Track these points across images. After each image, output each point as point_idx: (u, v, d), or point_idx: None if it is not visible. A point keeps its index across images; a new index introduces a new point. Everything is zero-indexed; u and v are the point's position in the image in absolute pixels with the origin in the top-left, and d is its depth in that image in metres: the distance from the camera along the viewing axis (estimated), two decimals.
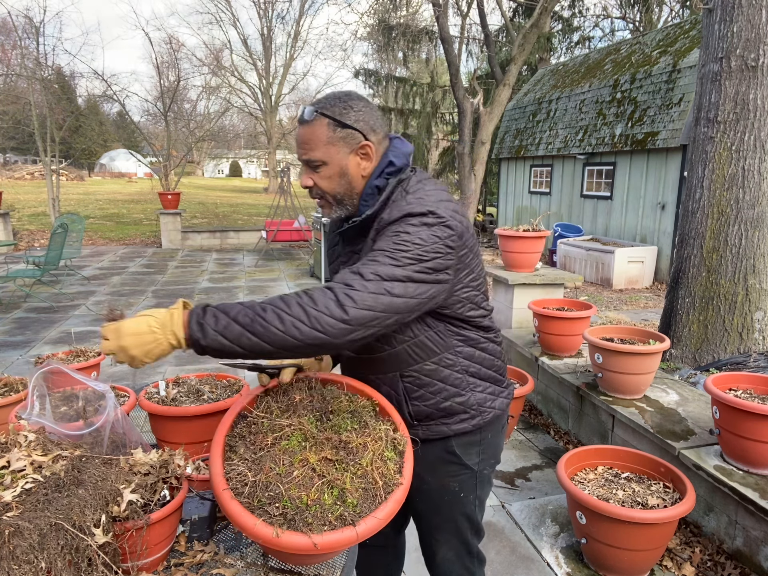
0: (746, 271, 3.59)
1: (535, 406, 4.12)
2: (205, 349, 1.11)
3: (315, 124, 1.28)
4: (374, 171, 1.34)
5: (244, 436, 1.19)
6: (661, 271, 8.94)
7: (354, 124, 1.29)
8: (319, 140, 1.28)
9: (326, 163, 1.29)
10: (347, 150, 1.30)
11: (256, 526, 1.02)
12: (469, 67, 30.87)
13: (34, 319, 6.28)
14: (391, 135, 1.40)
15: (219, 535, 1.34)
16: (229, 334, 1.09)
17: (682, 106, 8.51)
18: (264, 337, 1.09)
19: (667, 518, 2.11)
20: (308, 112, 1.28)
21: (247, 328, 1.09)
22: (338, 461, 1.15)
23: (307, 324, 1.09)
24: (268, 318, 1.09)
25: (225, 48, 30.94)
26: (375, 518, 1.07)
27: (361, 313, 1.12)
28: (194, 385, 2.48)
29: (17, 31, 13.12)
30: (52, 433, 1.25)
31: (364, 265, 1.18)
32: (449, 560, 1.56)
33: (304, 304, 1.11)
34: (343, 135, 1.28)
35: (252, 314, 1.10)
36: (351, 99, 1.30)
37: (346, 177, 1.31)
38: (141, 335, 1.10)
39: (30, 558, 0.93)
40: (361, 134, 1.30)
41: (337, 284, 1.15)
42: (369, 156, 1.32)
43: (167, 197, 12.36)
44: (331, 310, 1.10)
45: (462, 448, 1.45)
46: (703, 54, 3.72)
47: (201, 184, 37.23)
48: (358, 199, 1.35)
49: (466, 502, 1.50)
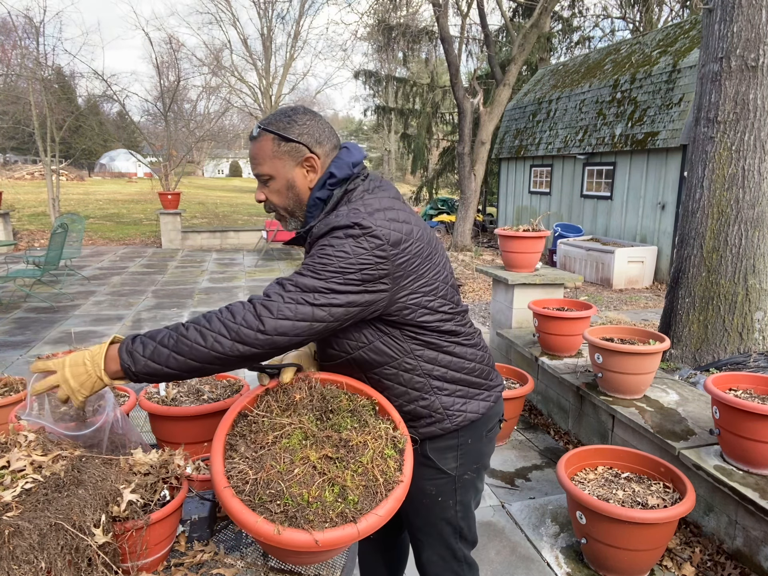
0: (746, 271, 3.59)
1: (535, 406, 4.12)
2: (138, 376, 1.16)
3: (261, 140, 1.33)
4: (317, 183, 1.37)
5: (244, 435, 1.20)
6: (661, 271, 8.94)
7: (297, 137, 1.33)
8: (265, 155, 1.33)
9: (273, 177, 1.35)
10: (293, 163, 1.34)
11: (258, 524, 1.02)
12: (469, 67, 30.87)
13: (34, 319, 6.28)
14: (343, 144, 1.42)
15: (219, 535, 1.34)
16: (158, 358, 1.14)
17: (682, 106, 8.51)
18: (190, 355, 1.14)
19: (667, 518, 2.11)
20: (255, 130, 1.35)
21: (173, 349, 1.14)
22: (339, 459, 1.15)
23: (227, 337, 1.14)
24: (190, 336, 1.15)
25: (225, 48, 30.95)
26: (376, 515, 1.07)
27: (279, 323, 1.15)
28: (194, 385, 2.48)
29: (17, 31, 13.14)
30: (51, 434, 1.25)
31: (288, 277, 1.21)
32: (434, 563, 1.55)
33: (224, 318, 1.16)
34: (287, 149, 1.33)
35: (176, 335, 1.15)
36: (296, 114, 1.35)
37: (294, 189, 1.36)
38: (77, 366, 1.17)
39: (30, 558, 0.93)
40: (306, 147, 1.34)
41: (257, 296, 1.20)
42: (314, 168, 1.36)
43: (167, 197, 12.36)
44: (248, 321, 1.14)
45: (436, 452, 1.43)
46: (703, 54, 3.72)
47: (201, 184, 37.23)
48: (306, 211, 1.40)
49: (446, 507, 1.48)
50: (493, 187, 18.23)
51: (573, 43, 18.20)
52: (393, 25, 14.95)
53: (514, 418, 3.57)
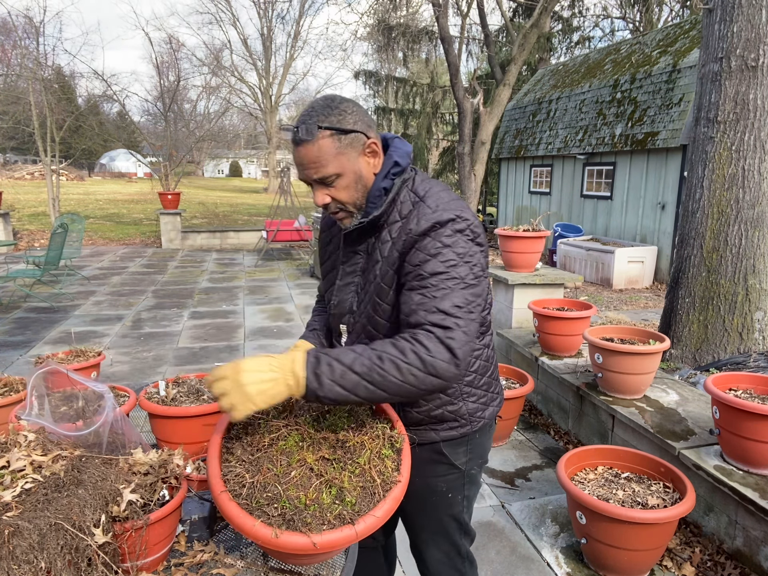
0: (746, 271, 3.59)
1: (535, 406, 4.12)
2: (320, 398, 1.11)
3: (318, 140, 1.22)
4: (380, 172, 1.32)
5: (240, 438, 1.20)
6: (661, 271, 8.94)
7: (354, 126, 1.25)
8: (328, 154, 1.23)
9: (341, 175, 1.26)
10: (356, 154, 1.27)
11: (255, 527, 1.02)
12: (469, 67, 30.85)
13: (34, 319, 6.28)
14: (390, 135, 1.39)
15: (219, 535, 1.34)
16: (346, 384, 1.10)
17: (682, 106, 8.51)
18: (381, 386, 1.11)
19: (667, 518, 2.11)
20: (306, 131, 1.22)
21: (364, 377, 1.10)
22: (336, 460, 1.15)
23: (422, 370, 1.12)
24: (386, 368, 1.11)
25: (225, 48, 31.00)
26: (374, 516, 1.07)
27: (466, 349, 1.16)
28: (194, 385, 2.48)
29: (17, 31, 13.13)
30: (51, 434, 1.25)
31: (435, 298, 1.19)
32: (438, 560, 1.56)
33: (418, 350, 1.13)
34: (348, 141, 1.25)
35: (368, 363, 1.11)
36: (341, 103, 1.27)
37: (362, 180, 1.29)
38: (260, 372, 1.08)
39: (30, 558, 0.93)
40: (363, 134, 1.27)
41: (432, 327, 1.16)
42: (376, 152, 1.30)
43: (167, 197, 12.36)
44: (442, 355, 1.13)
45: (450, 448, 1.45)
46: (703, 54, 3.72)
47: (201, 184, 37.23)
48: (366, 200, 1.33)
49: (454, 502, 1.50)
50: (493, 187, 18.24)
51: (573, 43, 18.20)
52: (393, 25, 14.95)
53: (514, 418, 3.57)
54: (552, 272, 4.64)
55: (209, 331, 5.97)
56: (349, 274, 1.42)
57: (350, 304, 1.40)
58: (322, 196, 1.28)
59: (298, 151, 1.24)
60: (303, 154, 1.23)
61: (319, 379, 1.09)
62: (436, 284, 1.21)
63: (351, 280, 1.41)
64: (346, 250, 1.43)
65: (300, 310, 7.00)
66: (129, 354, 5.20)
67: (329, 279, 1.51)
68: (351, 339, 1.42)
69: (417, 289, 1.22)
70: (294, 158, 1.27)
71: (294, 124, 1.25)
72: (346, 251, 1.43)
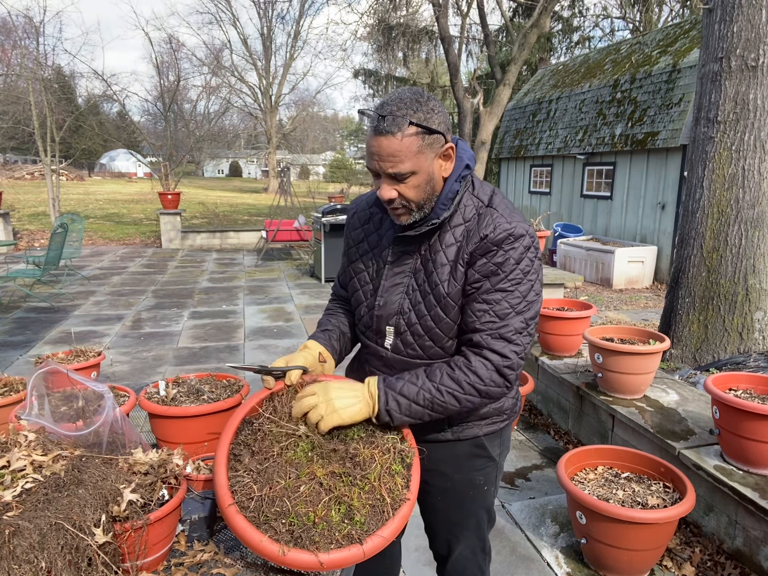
0: (746, 271, 3.59)
1: (535, 406, 4.12)
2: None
3: (404, 134, 1.17)
4: (451, 174, 1.30)
5: (249, 444, 1.17)
6: (661, 271, 8.94)
7: (438, 127, 1.22)
8: (409, 151, 1.19)
9: (416, 173, 1.22)
10: (433, 155, 1.24)
11: (263, 543, 1.01)
12: (469, 67, 30.87)
13: (34, 319, 6.28)
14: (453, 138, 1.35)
15: (219, 535, 1.34)
16: (414, 415, 1.25)
17: (682, 106, 8.51)
18: (442, 413, 1.28)
19: (667, 518, 2.11)
20: (393, 122, 1.17)
21: (428, 408, 1.25)
22: (345, 474, 1.13)
23: (477, 398, 1.27)
24: (446, 400, 1.25)
25: (225, 48, 31.00)
26: (381, 537, 1.06)
27: (519, 372, 1.30)
28: (194, 385, 2.48)
29: (17, 31, 13.13)
30: (51, 433, 1.25)
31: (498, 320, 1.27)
32: (465, 557, 1.56)
33: (473, 382, 1.25)
34: (430, 141, 1.21)
35: (430, 396, 1.25)
36: (430, 100, 1.22)
37: (432, 182, 1.27)
38: (345, 389, 1.24)
39: (30, 557, 0.93)
40: (443, 137, 1.25)
41: (491, 354, 1.26)
42: (450, 157, 1.28)
43: (167, 197, 12.36)
44: (496, 382, 1.26)
45: (489, 441, 1.48)
46: (703, 54, 3.72)
47: (201, 184, 37.24)
48: (436, 201, 1.30)
49: (488, 494, 1.53)
50: None
51: (573, 43, 18.21)
52: (393, 24, 14.95)
53: None
54: (552, 272, 4.64)
55: (209, 331, 5.97)
56: (398, 274, 1.38)
57: (399, 305, 1.37)
58: (389, 191, 1.24)
59: (378, 141, 1.19)
60: (384, 146, 1.18)
61: (390, 414, 1.24)
62: (499, 301, 1.27)
63: (400, 280, 1.38)
64: (396, 250, 1.39)
65: (300, 310, 7.00)
66: (129, 354, 5.20)
67: (362, 279, 1.47)
68: (398, 341, 1.40)
69: (481, 303, 1.28)
70: (369, 146, 1.22)
71: (379, 112, 1.19)
72: (395, 251, 1.39)
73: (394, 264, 1.39)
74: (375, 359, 1.46)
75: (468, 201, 1.33)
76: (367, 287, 1.45)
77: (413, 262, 1.37)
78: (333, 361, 1.46)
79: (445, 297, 1.31)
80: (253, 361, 4.95)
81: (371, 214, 1.49)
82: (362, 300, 1.46)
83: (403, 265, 1.38)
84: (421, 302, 1.35)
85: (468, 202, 1.33)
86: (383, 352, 1.43)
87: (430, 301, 1.33)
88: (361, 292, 1.47)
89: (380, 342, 1.44)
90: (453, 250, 1.31)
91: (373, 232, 1.47)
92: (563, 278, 4.54)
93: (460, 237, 1.31)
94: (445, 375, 1.25)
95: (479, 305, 1.28)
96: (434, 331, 1.35)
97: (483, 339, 1.26)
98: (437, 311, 1.33)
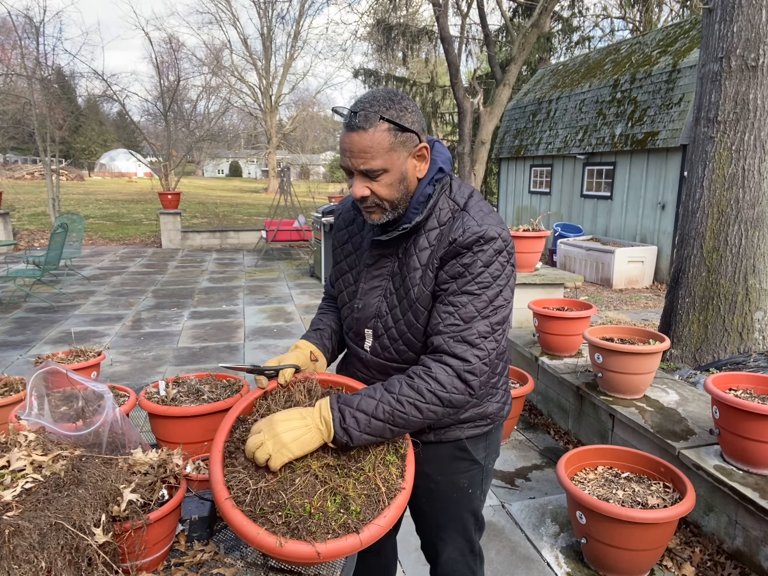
0: (746, 271, 3.59)
1: (535, 406, 4.12)
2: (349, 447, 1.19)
3: (376, 130, 1.18)
4: (425, 177, 1.30)
5: (244, 441, 1.18)
6: (661, 271, 8.94)
7: (411, 125, 1.22)
8: (381, 147, 1.19)
9: (387, 171, 1.22)
10: (406, 154, 1.24)
11: (259, 536, 1.01)
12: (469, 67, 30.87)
13: (34, 319, 6.28)
14: (431, 139, 1.35)
15: (219, 535, 1.33)
16: (373, 431, 1.17)
17: (682, 106, 8.51)
18: (405, 426, 1.20)
19: (667, 518, 2.11)
20: (365, 118, 1.17)
21: (389, 423, 1.18)
22: (340, 466, 1.14)
23: (440, 406, 1.21)
24: (407, 411, 1.18)
25: (225, 48, 30.99)
26: (378, 525, 1.06)
27: (483, 378, 1.24)
28: (194, 385, 2.48)
29: (17, 31, 13.12)
30: (51, 433, 1.25)
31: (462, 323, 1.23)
32: (454, 560, 1.56)
33: (434, 390, 1.19)
34: (403, 139, 1.22)
35: (390, 409, 1.18)
36: (404, 99, 1.23)
37: (405, 182, 1.26)
38: (291, 420, 1.15)
39: (30, 557, 0.93)
40: (417, 136, 1.24)
41: (453, 359, 1.22)
42: (424, 157, 1.28)
43: (167, 197, 12.36)
44: (458, 389, 1.21)
45: (472, 444, 1.47)
46: (703, 54, 3.72)
47: (201, 184, 37.25)
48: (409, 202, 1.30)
49: (473, 498, 1.51)
50: (493, 187, 18.24)
51: (573, 43, 18.18)
52: (393, 24, 14.94)
53: (514, 418, 3.57)
54: (552, 272, 4.64)
55: (209, 331, 5.97)
56: (376, 277, 1.38)
57: (377, 309, 1.37)
58: (362, 189, 1.24)
59: (350, 137, 1.19)
60: (355, 141, 1.19)
61: (348, 433, 1.15)
62: (465, 304, 1.24)
63: (378, 283, 1.38)
64: (374, 253, 1.39)
65: (300, 310, 7.00)
66: (129, 354, 5.20)
67: (346, 280, 1.47)
68: (376, 344, 1.40)
69: (447, 305, 1.25)
70: (342, 143, 1.22)
71: (351, 108, 1.20)
72: (373, 254, 1.39)
73: (373, 267, 1.39)
74: (356, 360, 1.47)
75: (444, 204, 1.31)
76: (350, 288, 1.45)
77: (391, 265, 1.36)
78: (325, 359, 1.47)
79: (414, 302, 1.31)
80: (253, 361, 4.95)
81: (355, 215, 1.49)
82: (346, 301, 1.46)
83: (382, 268, 1.37)
84: (397, 306, 1.34)
85: (444, 205, 1.31)
86: (363, 354, 1.43)
87: (404, 305, 1.33)
88: (345, 293, 1.47)
89: (360, 344, 1.44)
90: (425, 255, 1.30)
91: (356, 234, 1.47)
92: (563, 278, 4.53)
93: (434, 241, 1.30)
94: (405, 385, 1.20)
95: (444, 307, 1.25)
96: (407, 335, 1.34)
97: (445, 341, 1.23)
98: (409, 316, 1.32)
